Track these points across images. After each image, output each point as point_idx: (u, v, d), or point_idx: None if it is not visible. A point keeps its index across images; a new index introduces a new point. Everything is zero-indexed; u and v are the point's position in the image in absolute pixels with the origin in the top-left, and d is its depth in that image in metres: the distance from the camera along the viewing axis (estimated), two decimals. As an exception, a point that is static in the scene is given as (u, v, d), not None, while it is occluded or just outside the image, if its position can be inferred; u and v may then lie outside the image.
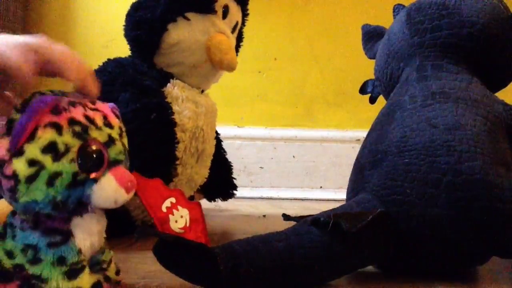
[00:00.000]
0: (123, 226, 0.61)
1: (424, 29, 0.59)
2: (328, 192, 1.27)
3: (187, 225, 0.43)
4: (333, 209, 0.52)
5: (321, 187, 1.28)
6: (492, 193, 0.47)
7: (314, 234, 0.46)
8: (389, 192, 0.50)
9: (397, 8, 0.68)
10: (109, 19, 1.52)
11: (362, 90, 0.74)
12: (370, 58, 0.75)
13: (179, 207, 0.42)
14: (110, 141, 0.37)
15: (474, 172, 0.47)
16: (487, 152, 0.49)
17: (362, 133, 0.76)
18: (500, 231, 0.47)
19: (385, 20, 0.99)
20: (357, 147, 0.64)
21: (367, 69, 1.35)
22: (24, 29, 1.47)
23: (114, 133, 0.37)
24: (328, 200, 1.22)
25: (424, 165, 0.49)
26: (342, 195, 1.31)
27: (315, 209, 0.58)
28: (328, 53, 1.34)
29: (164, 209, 0.42)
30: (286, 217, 0.51)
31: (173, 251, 0.40)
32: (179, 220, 0.42)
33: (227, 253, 0.42)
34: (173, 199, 0.43)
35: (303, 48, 1.34)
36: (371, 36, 0.76)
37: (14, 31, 1.40)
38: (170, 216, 0.42)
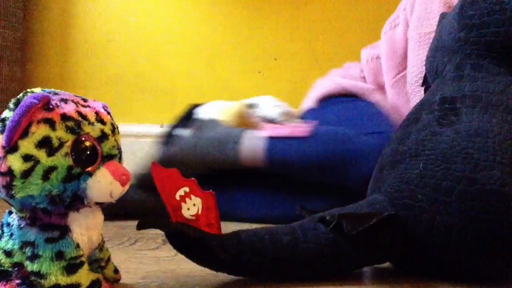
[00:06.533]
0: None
1: (472, 24, 0.55)
2: (328, 192, 1.27)
3: (199, 212, 0.46)
4: (343, 208, 0.52)
5: (321, 187, 1.28)
6: (508, 205, 0.45)
7: (320, 231, 0.47)
8: (401, 196, 0.50)
9: None
10: (109, 19, 1.52)
11: (423, 83, 0.69)
12: None
13: (192, 196, 0.46)
14: (103, 136, 0.37)
15: (490, 182, 0.46)
16: (509, 162, 0.47)
17: (363, 133, 0.76)
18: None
19: (384, 20, 1.00)
20: (358, 147, 0.64)
21: (367, 69, 1.35)
22: (24, 29, 1.47)
23: (107, 129, 0.38)
24: (328, 200, 1.22)
25: (439, 171, 0.48)
26: (342, 195, 1.30)
27: (315, 209, 0.58)
28: (328, 53, 1.34)
29: (177, 197, 0.45)
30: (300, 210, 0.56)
31: (183, 239, 0.44)
32: (191, 208, 0.46)
33: (233, 240, 0.45)
34: (186, 189, 0.46)
35: (303, 48, 1.34)
36: None
37: (14, 31, 1.40)
38: (183, 204, 0.45)
